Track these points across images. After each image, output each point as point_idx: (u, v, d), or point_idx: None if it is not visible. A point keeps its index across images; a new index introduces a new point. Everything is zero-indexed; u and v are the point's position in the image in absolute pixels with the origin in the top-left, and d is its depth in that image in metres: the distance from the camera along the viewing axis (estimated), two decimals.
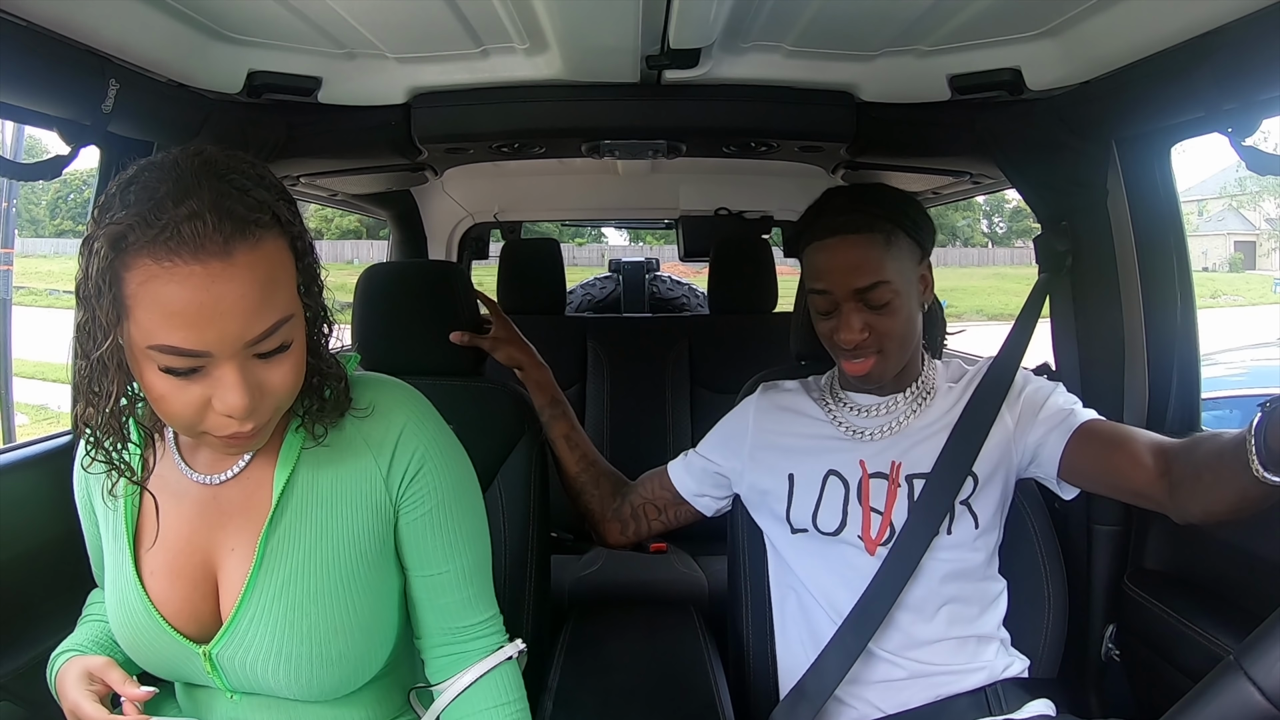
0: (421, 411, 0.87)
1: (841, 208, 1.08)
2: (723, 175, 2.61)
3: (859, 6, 1.02)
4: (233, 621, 0.80)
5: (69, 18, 0.90)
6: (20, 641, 1.01)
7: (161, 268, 0.65)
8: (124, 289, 0.66)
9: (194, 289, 0.65)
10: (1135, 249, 1.24)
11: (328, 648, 0.80)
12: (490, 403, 1.30)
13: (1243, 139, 0.94)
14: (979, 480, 1.09)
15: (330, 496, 0.82)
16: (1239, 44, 0.88)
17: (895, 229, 1.06)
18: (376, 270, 1.37)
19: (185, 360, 0.67)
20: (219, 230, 0.66)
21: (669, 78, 1.24)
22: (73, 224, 19.29)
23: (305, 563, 0.80)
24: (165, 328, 0.66)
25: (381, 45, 1.16)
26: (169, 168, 0.68)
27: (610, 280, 3.66)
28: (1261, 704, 0.62)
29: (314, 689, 0.81)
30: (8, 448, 1.13)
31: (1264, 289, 18.32)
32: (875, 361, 1.07)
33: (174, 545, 0.81)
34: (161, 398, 0.69)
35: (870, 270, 1.04)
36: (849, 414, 1.16)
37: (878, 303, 1.05)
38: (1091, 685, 1.25)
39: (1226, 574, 1.07)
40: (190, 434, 0.74)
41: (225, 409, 0.69)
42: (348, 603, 0.81)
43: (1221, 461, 0.82)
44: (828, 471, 1.13)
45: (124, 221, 0.65)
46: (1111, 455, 1.00)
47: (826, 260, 1.07)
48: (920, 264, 1.10)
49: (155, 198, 0.66)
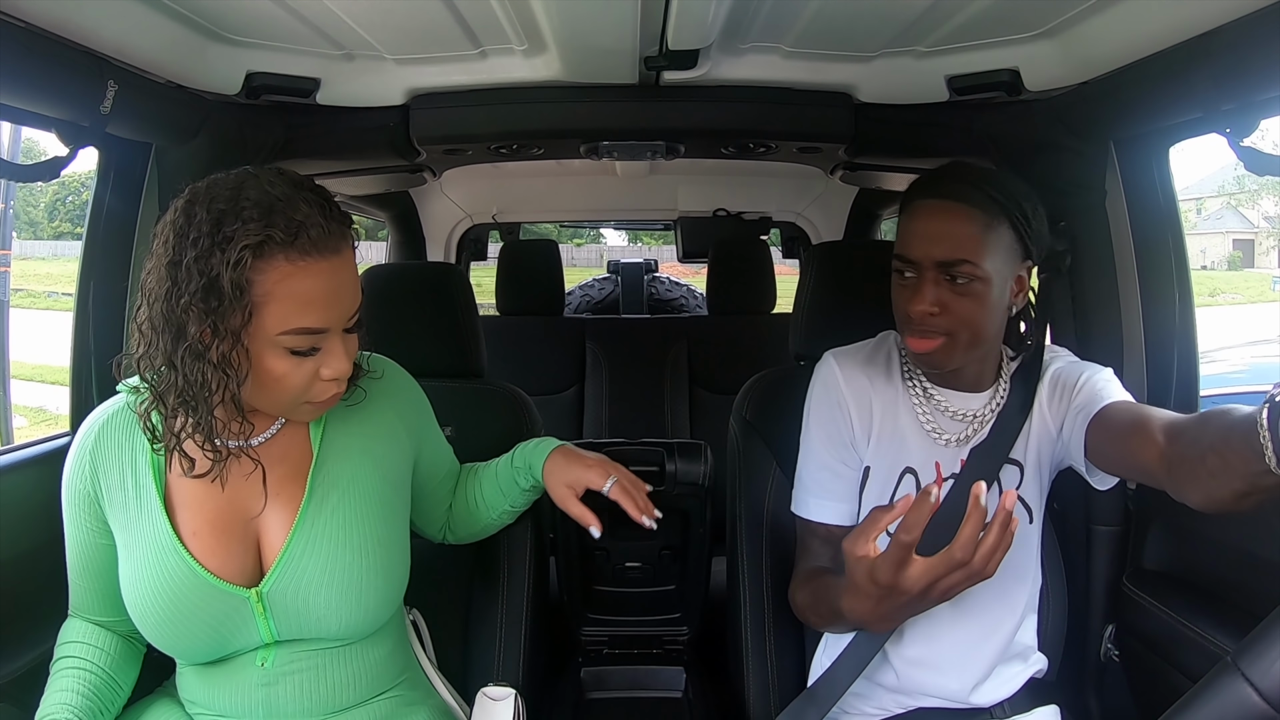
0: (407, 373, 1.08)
1: (955, 175, 1.01)
2: (721, 176, 2.61)
3: (857, 7, 1.02)
4: (286, 551, 0.91)
5: (67, 19, 0.90)
6: (19, 643, 1.01)
7: (296, 266, 0.80)
8: (255, 291, 0.80)
9: (325, 279, 0.82)
10: (1134, 249, 1.24)
11: (373, 558, 0.94)
12: (490, 403, 1.30)
13: (1241, 139, 0.94)
14: (1023, 469, 1.06)
15: (361, 440, 0.98)
16: (1237, 44, 0.88)
17: (1000, 216, 0.98)
18: (375, 271, 1.37)
19: (311, 339, 0.84)
20: (332, 233, 0.83)
21: (667, 79, 1.24)
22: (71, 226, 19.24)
23: (348, 491, 0.95)
24: (300, 314, 0.82)
25: (380, 46, 1.16)
26: (268, 184, 0.82)
27: (609, 281, 3.66)
28: (1259, 704, 0.62)
29: (360, 606, 0.93)
30: (6, 449, 1.13)
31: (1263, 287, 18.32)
32: (942, 344, 1.00)
33: (214, 506, 0.91)
34: (283, 376, 0.84)
35: (959, 247, 0.97)
36: (933, 409, 1.09)
37: (961, 281, 0.98)
38: (1091, 686, 1.25)
39: (1226, 574, 1.07)
40: (291, 405, 0.88)
41: (334, 374, 0.86)
42: (383, 518, 0.97)
43: (1229, 448, 0.75)
44: (905, 469, 1.08)
45: (258, 231, 0.78)
46: (1129, 438, 0.94)
47: (919, 225, 1.00)
48: (1020, 265, 1.02)
49: (276, 209, 0.80)
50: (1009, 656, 1.09)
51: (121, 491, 0.91)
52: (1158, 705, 0.72)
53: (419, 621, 1.12)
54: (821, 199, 2.65)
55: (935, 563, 0.79)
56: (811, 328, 1.30)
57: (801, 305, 1.33)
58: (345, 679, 0.95)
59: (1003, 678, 1.09)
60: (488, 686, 1.07)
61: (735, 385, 1.33)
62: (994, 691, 1.08)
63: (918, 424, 1.08)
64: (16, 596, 1.00)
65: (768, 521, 1.24)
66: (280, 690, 0.92)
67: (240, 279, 0.79)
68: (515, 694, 1.05)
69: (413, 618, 1.11)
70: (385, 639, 1.00)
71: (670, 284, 3.67)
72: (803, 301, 1.33)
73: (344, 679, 0.95)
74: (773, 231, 2.84)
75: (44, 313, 9.74)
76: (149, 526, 0.90)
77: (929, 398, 1.09)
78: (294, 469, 0.94)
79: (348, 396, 0.95)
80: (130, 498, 0.91)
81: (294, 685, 0.93)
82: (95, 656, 0.94)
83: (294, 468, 0.95)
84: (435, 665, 1.09)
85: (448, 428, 1.14)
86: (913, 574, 0.80)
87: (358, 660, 0.96)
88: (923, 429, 1.08)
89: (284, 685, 0.92)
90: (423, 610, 1.13)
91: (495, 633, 1.21)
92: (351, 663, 0.96)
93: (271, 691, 0.92)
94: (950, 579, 0.80)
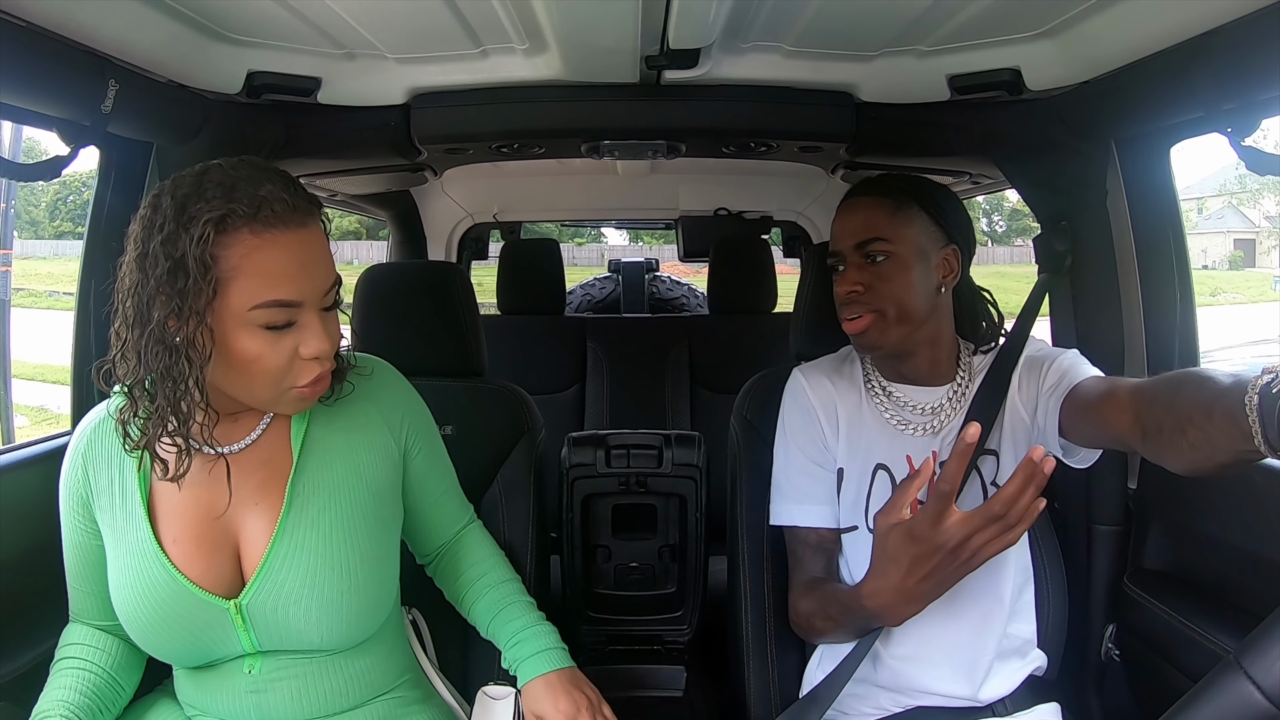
0: (400, 375, 1.05)
1: (871, 179, 1.14)
2: (722, 175, 2.61)
3: (858, 7, 1.02)
4: (264, 564, 0.88)
5: (69, 18, 0.90)
6: (19, 643, 1.01)
7: (262, 239, 0.80)
8: (220, 266, 0.78)
9: (292, 251, 0.81)
10: (1135, 249, 1.24)
11: (356, 575, 0.91)
12: (490, 403, 1.30)
13: (1242, 139, 0.94)
14: (1000, 458, 1.09)
15: (345, 445, 0.95)
16: (1238, 44, 0.88)
17: (908, 200, 1.09)
18: (376, 271, 1.37)
19: (285, 313, 0.82)
20: (298, 207, 0.82)
21: (668, 78, 1.24)
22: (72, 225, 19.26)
23: (329, 501, 0.92)
24: (270, 286, 0.80)
25: (381, 46, 1.16)
26: (230, 168, 0.82)
27: (610, 280, 3.66)
28: (1261, 703, 0.62)
29: (343, 622, 0.90)
30: (6, 449, 1.13)
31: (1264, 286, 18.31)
32: (872, 320, 1.07)
33: (194, 513, 0.89)
34: (258, 358, 0.82)
35: (870, 228, 1.08)
36: (894, 405, 1.13)
37: (874, 259, 1.07)
38: (1091, 685, 1.25)
39: (1226, 574, 1.07)
40: (274, 392, 0.85)
41: (313, 352, 0.84)
42: (368, 533, 0.93)
43: (1212, 424, 0.74)
44: (877, 465, 1.12)
45: (220, 207, 0.78)
46: (1101, 408, 0.95)
47: (839, 223, 1.12)
48: (943, 248, 1.10)
49: (238, 187, 0.79)
50: (1005, 652, 1.09)
51: (109, 496, 0.90)
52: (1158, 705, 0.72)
53: (419, 621, 1.12)
54: (822, 198, 2.65)
55: (973, 515, 0.83)
56: (812, 327, 1.30)
57: (802, 304, 1.33)
58: (338, 685, 0.94)
59: (1001, 674, 1.09)
60: (488, 686, 1.07)
61: (736, 384, 1.33)
62: (993, 689, 1.08)
63: (882, 420, 1.13)
64: (16, 596, 1.00)
65: (768, 521, 1.24)
66: (270, 697, 0.91)
67: (204, 255, 0.77)
68: (515, 693, 1.05)
69: (412, 617, 1.11)
70: (380, 643, 0.98)
71: (671, 283, 3.67)
72: (803, 301, 1.33)
73: (337, 685, 0.94)
74: (774, 231, 2.84)
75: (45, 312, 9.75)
76: (133, 532, 0.89)
77: (889, 395, 1.14)
78: (274, 474, 0.92)
79: (332, 392, 0.92)
80: (117, 503, 0.90)
81: (284, 692, 0.92)
82: (97, 658, 0.93)
83: (274, 473, 0.92)
84: (435, 665, 1.09)
85: (447, 427, 1.13)
86: (951, 525, 0.84)
87: (350, 666, 0.95)
88: (887, 424, 1.12)
89: (273, 693, 0.91)
90: (423, 610, 1.13)
91: None
92: (344, 669, 0.94)
93: (261, 698, 0.91)
94: (984, 535, 0.83)
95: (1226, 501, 1.05)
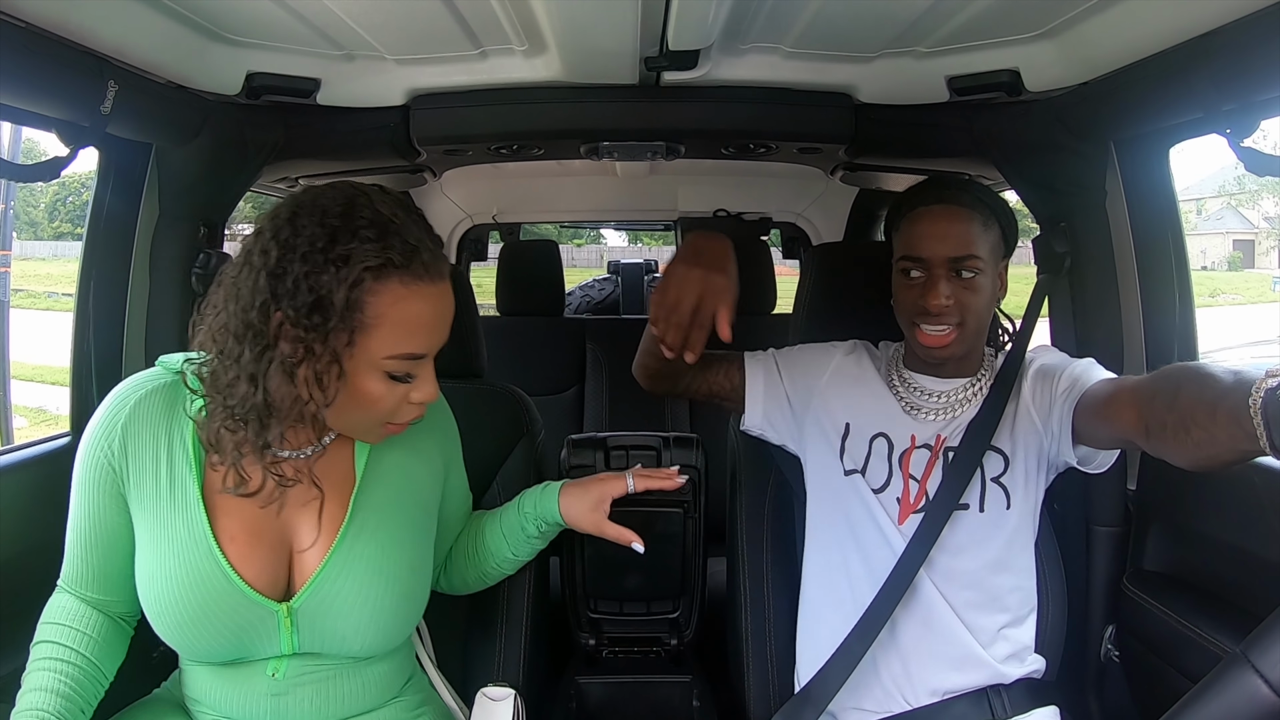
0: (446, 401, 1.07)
1: (953, 183, 1.15)
2: (721, 176, 2.61)
3: (857, 8, 1.02)
4: (322, 570, 0.90)
5: (67, 19, 0.90)
6: (19, 642, 1.00)
7: (410, 290, 0.81)
8: (366, 312, 0.79)
9: (434, 305, 0.84)
10: (1134, 250, 1.24)
11: (405, 584, 0.94)
12: (490, 403, 1.30)
13: (1241, 140, 0.94)
14: (1008, 459, 1.10)
15: (403, 464, 0.97)
16: (1237, 45, 0.88)
17: (992, 218, 1.11)
18: None
19: (411, 365, 0.84)
20: (440, 258, 0.84)
21: (668, 79, 1.24)
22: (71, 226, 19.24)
23: (388, 515, 0.94)
24: (408, 339, 0.82)
25: (380, 47, 1.16)
26: (379, 201, 0.81)
27: (609, 281, 3.67)
28: (1269, 696, 0.62)
29: (386, 630, 0.92)
30: (6, 449, 1.13)
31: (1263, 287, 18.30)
32: (955, 334, 1.09)
33: (255, 513, 0.89)
34: (379, 399, 0.84)
35: (967, 244, 1.08)
36: (910, 392, 1.17)
37: (967, 275, 1.08)
38: (1091, 686, 1.25)
39: (1226, 575, 1.07)
40: (372, 427, 0.88)
41: (424, 398, 0.87)
42: (415, 544, 0.97)
43: (1215, 424, 0.75)
44: (878, 433, 1.15)
45: (377, 254, 0.78)
46: (1108, 408, 0.98)
47: (927, 227, 1.10)
48: (1002, 261, 1.14)
49: (391, 229, 0.80)
50: (1002, 651, 1.09)
51: (154, 479, 0.88)
52: (1158, 706, 0.72)
53: (419, 622, 1.12)
54: (822, 199, 2.65)
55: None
56: (811, 328, 1.30)
57: (801, 306, 1.33)
58: (355, 690, 0.95)
59: (999, 673, 1.09)
60: (487, 687, 1.07)
61: None
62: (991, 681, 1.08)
63: (893, 399, 1.17)
64: (16, 596, 1.00)
65: (768, 522, 1.24)
66: (289, 700, 0.92)
67: (356, 299, 0.78)
68: (515, 694, 1.05)
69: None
70: (396, 649, 0.99)
71: None
72: (803, 302, 1.33)
73: (353, 690, 0.95)
74: (773, 232, 2.84)
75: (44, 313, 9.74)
76: (183, 523, 0.87)
77: (904, 381, 1.18)
78: (336, 487, 0.93)
79: None
80: (163, 489, 0.88)
81: (304, 696, 0.92)
82: (77, 641, 0.90)
83: (336, 486, 0.93)
84: (436, 665, 1.09)
85: None
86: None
87: (368, 671, 0.96)
88: (897, 404, 1.16)
89: (294, 696, 0.92)
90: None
91: (495, 633, 1.21)
92: (362, 674, 0.95)
93: (281, 701, 0.91)
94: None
95: (1226, 502, 1.05)
